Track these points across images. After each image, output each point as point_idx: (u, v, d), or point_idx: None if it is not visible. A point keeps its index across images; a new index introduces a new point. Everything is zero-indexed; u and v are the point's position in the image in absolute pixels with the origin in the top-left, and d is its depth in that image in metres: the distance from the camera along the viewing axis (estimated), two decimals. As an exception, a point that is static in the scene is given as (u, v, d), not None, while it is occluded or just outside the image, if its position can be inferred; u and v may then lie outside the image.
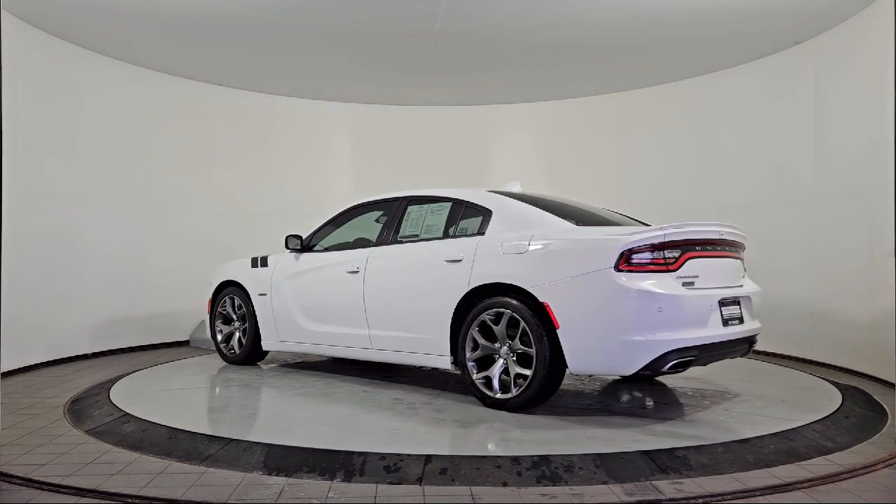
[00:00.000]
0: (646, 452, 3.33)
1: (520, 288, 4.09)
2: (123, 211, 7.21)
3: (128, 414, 4.12)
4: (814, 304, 6.34)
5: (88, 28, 6.27)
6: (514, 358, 4.16)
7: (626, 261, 3.81)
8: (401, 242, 4.93)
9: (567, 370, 4.01)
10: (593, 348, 3.87)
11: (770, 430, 3.71)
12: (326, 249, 5.55)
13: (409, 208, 5.07)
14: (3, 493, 2.97)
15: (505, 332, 4.18)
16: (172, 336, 7.69)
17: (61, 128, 6.55)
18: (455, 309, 4.40)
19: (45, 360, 6.27)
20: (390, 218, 5.16)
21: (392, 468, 3.17)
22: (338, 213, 5.72)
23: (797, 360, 6.45)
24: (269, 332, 5.80)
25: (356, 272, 5.06)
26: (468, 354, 4.33)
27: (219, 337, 6.26)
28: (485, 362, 4.31)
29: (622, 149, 8.41)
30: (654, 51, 6.82)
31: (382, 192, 5.49)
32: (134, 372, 5.70)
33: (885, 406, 4.50)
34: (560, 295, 3.94)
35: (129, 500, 2.86)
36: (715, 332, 3.97)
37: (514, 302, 4.10)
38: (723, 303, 4.08)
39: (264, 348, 5.93)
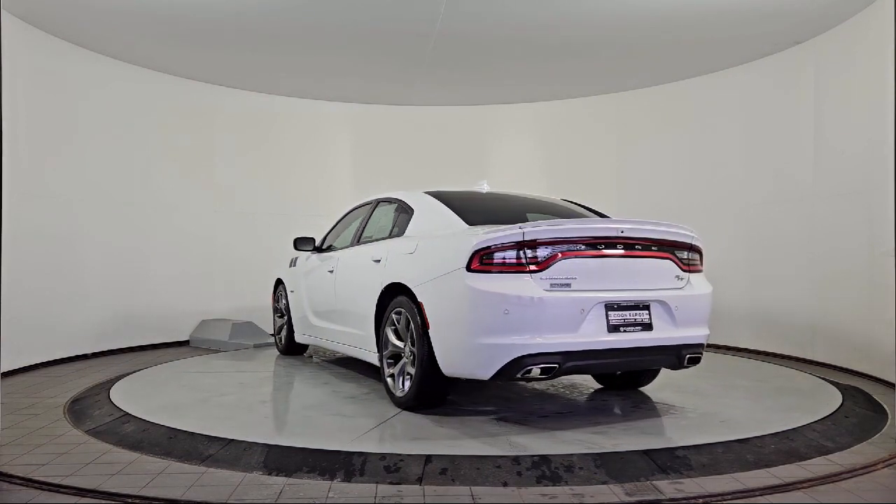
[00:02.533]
0: (646, 452, 3.33)
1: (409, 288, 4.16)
2: (123, 211, 7.21)
3: (128, 414, 4.12)
4: (814, 304, 6.34)
5: (88, 28, 6.27)
6: (412, 357, 4.18)
7: (479, 261, 3.70)
8: (363, 243, 5.13)
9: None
10: (454, 350, 3.81)
11: (770, 430, 3.71)
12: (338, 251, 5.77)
13: (375, 210, 5.30)
14: (3, 493, 2.97)
15: (406, 330, 4.22)
16: (172, 336, 7.69)
17: (61, 128, 6.55)
18: (376, 307, 4.54)
19: (45, 360, 6.27)
20: (362, 219, 5.43)
21: (392, 468, 3.17)
22: (343, 215, 6.00)
23: (797, 360, 6.45)
24: (297, 327, 6.26)
25: (332, 272, 5.43)
26: (384, 351, 4.45)
27: (275, 329, 6.83)
28: (396, 360, 4.38)
29: (622, 149, 8.41)
30: (654, 51, 6.82)
31: (381, 193, 5.58)
32: (134, 372, 5.70)
33: (885, 406, 4.50)
34: (430, 295, 3.95)
35: (129, 500, 2.86)
36: (592, 338, 3.67)
37: (409, 302, 4.15)
38: (612, 307, 3.76)
39: (296, 340, 6.33)
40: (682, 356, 4.01)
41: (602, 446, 3.43)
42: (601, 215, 4.85)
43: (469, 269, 3.70)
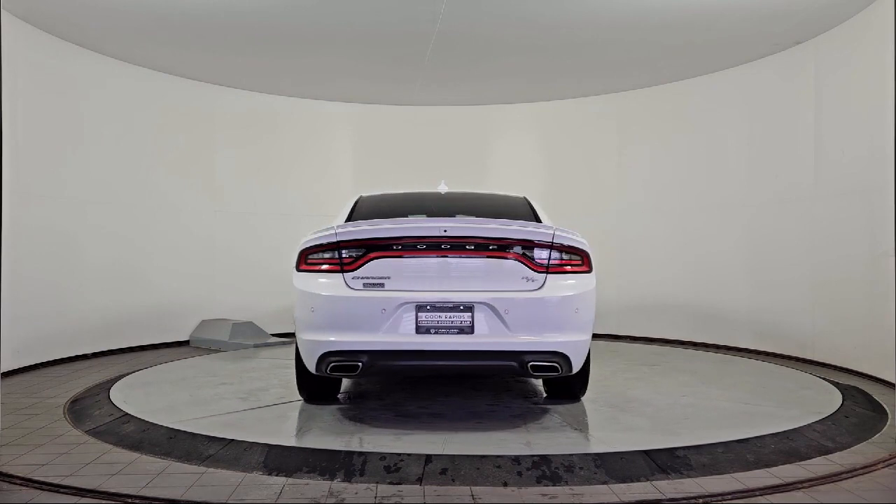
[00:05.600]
0: (646, 452, 3.33)
1: None
2: (123, 211, 7.21)
3: (128, 414, 4.12)
4: (814, 304, 6.34)
5: (88, 28, 6.27)
6: None
7: (304, 261, 3.91)
8: None
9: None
10: (299, 344, 4.00)
11: (770, 430, 3.71)
12: None
13: None
14: (3, 493, 2.97)
15: None
16: (172, 336, 7.69)
17: (61, 128, 6.55)
18: None
19: (45, 360, 6.27)
20: None
21: (392, 468, 3.17)
22: None
23: (797, 360, 6.45)
24: None
25: None
26: None
27: None
28: None
29: (622, 149, 8.40)
30: (654, 51, 6.82)
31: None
32: (134, 372, 5.70)
33: (885, 406, 4.50)
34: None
35: (129, 500, 2.86)
36: (397, 338, 3.67)
37: None
38: (423, 308, 3.70)
39: None
40: (523, 363, 3.72)
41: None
42: (538, 219, 4.55)
43: (298, 268, 3.94)
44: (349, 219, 4.45)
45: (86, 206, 6.79)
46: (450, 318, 3.71)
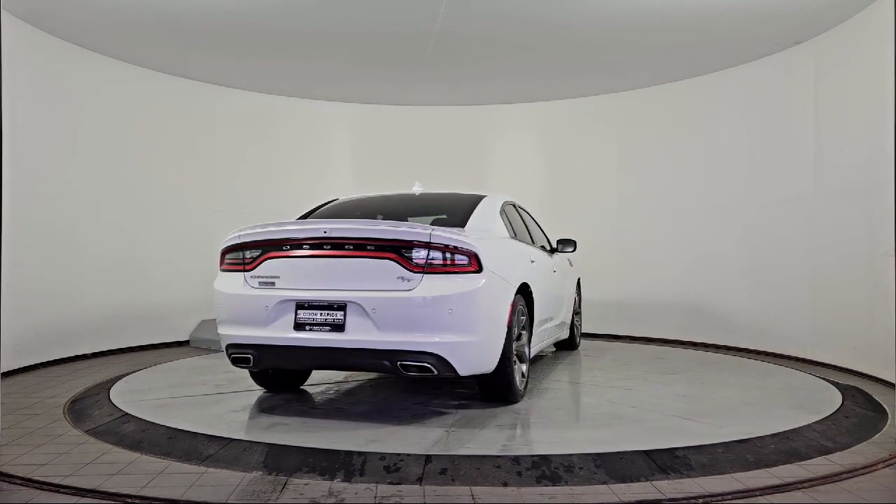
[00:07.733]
0: (646, 452, 3.33)
1: None
2: (123, 210, 7.20)
3: (128, 414, 4.12)
4: (814, 304, 6.34)
5: (89, 28, 6.27)
6: None
7: (223, 261, 4.23)
8: None
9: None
10: None
11: (770, 430, 3.71)
12: None
13: None
14: (3, 493, 2.97)
15: None
16: (172, 336, 7.69)
17: (61, 127, 6.55)
18: None
19: (45, 360, 6.27)
20: None
21: (392, 468, 3.17)
22: None
23: (797, 360, 6.45)
24: None
25: None
26: None
27: None
28: None
29: (622, 149, 8.41)
30: (653, 51, 6.82)
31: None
32: (134, 372, 5.70)
33: (885, 406, 4.50)
34: None
35: (129, 500, 2.86)
36: (278, 334, 3.88)
37: None
38: (302, 305, 3.87)
39: None
40: (393, 362, 3.74)
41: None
42: (464, 222, 4.38)
43: (220, 268, 4.25)
44: (302, 219, 4.68)
45: (85, 206, 6.78)
46: (324, 315, 3.86)
